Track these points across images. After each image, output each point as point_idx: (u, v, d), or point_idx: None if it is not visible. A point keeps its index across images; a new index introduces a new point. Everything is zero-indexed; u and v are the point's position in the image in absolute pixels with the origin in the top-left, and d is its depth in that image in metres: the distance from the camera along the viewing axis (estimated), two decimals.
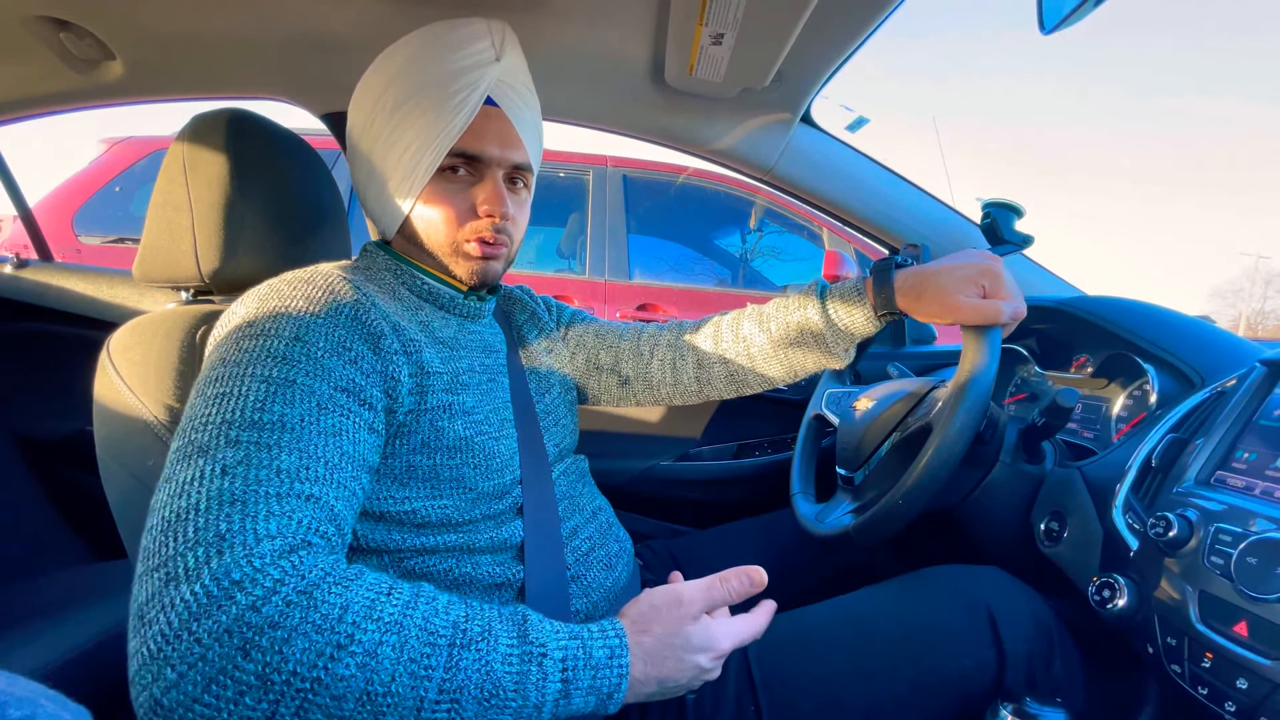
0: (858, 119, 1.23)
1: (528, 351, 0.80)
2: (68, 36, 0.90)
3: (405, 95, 0.63)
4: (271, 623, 0.39)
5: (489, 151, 0.65)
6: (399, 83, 0.64)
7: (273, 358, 0.50)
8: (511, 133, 0.66)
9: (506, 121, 0.66)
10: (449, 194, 0.65)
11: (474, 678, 0.42)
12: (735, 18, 0.75)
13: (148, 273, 0.76)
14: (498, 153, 0.65)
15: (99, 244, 2.55)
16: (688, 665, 0.51)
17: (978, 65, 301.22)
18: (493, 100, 0.65)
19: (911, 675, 0.64)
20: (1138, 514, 0.64)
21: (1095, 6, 0.62)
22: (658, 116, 1.10)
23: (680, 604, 0.52)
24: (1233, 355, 0.76)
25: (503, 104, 0.65)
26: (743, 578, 0.54)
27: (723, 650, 0.52)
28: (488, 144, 0.65)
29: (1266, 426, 0.61)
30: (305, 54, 0.97)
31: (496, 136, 0.65)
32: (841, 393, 0.98)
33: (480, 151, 0.64)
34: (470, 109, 0.63)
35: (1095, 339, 0.93)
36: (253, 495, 0.43)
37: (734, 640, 0.53)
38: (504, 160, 0.66)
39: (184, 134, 0.73)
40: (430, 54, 0.64)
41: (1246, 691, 0.50)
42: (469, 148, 0.64)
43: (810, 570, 0.91)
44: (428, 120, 0.62)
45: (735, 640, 0.54)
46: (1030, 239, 0.98)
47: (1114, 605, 0.60)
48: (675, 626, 0.51)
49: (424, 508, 0.57)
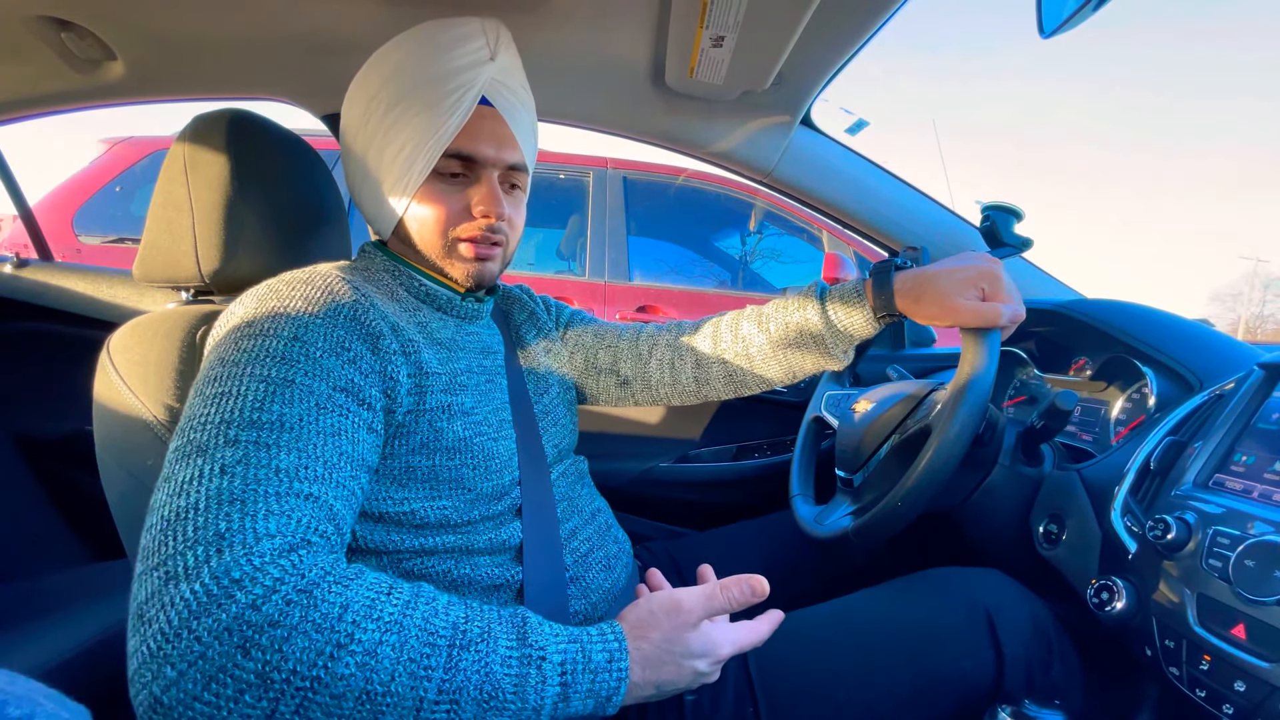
0: (858, 122, 1.23)
1: (526, 352, 0.80)
2: (69, 37, 0.90)
3: (399, 96, 0.63)
4: (271, 621, 0.39)
5: (484, 152, 0.64)
6: (393, 83, 0.63)
7: (271, 357, 0.50)
8: (506, 133, 0.66)
9: (501, 122, 0.65)
10: (443, 195, 0.65)
11: (473, 679, 0.42)
12: (736, 20, 0.75)
13: (148, 273, 0.76)
14: (493, 153, 0.65)
15: (99, 244, 2.54)
16: (686, 670, 0.51)
17: (977, 68, 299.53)
18: (487, 100, 0.64)
19: (910, 677, 0.64)
20: (1136, 517, 0.64)
21: (1095, 10, 0.62)
22: (658, 118, 1.11)
23: (680, 611, 0.52)
24: (1231, 358, 0.76)
25: (497, 104, 0.65)
26: (744, 586, 0.54)
27: (722, 656, 0.52)
28: (483, 145, 0.64)
29: (1265, 430, 0.61)
30: (306, 55, 0.97)
31: (491, 137, 0.65)
32: (841, 395, 0.98)
33: (475, 152, 0.64)
34: (465, 110, 0.62)
35: (1094, 342, 0.93)
36: (252, 494, 0.43)
37: (734, 647, 0.53)
38: (499, 161, 0.66)
39: (185, 134, 0.73)
40: (424, 54, 0.63)
41: (1244, 694, 0.50)
42: (464, 149, 0.64)
43: (809, 572, 0.91)
44: (422, 121, 0.62)
45: (735, 647, 0.54)
46: (1029, 242, 0.98)
47: (1112, 608, 0.60)
48: (674, 634, 0.51)
49: (423, 509, 0.57)
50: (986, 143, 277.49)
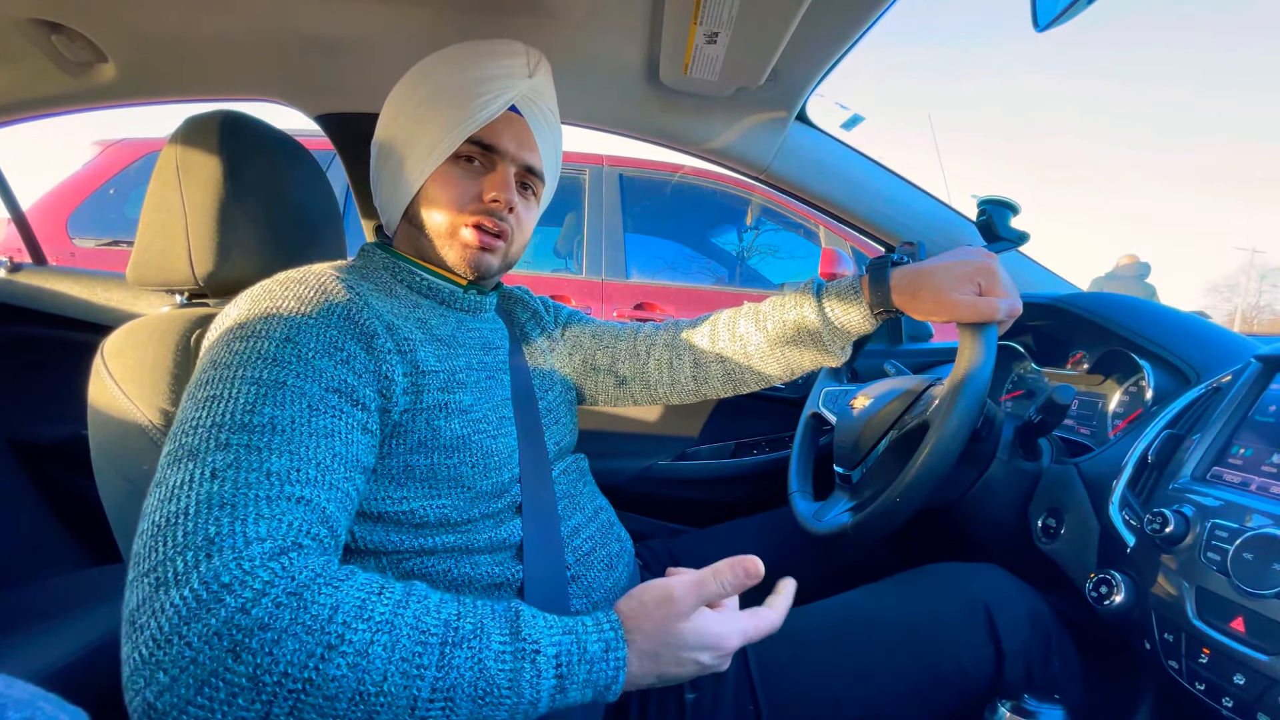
0: (853, 117, 1.23)
1: (530, 349, 0.80)
2: (60, 39, 0.90)
3: (436, 90, 0.67)
4: (261, 624, 0.39)
5: (505, 145, 0.68)
6: (431, 80, 0.68)
7: (263, 359, 0.50)
8: (529, 136, 0.70)
9: (527, 127, 0.70)
10: (459, 179, 0.67)
11: (467, 676, 0.42)
12: (729, 17, 0.75)
13: (142, 276, 0.76)
14: (513, 149, 0.68)
15: (93, 247, 2.54)
16: (687, 662, 0.49)
17: (972, 61, 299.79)
18: (518, 110, 0.69)
19: (910, 672, 0.64)
20: (1134, 510, 0.64)
21: (1088, 4, 0.62)
22: (653, 116, 1.10)
23: (670, 601, 0.49)
24: (1228, 351, 0.76)
25: (526, 115, 0.69)
26: (737, 570, 0.50)
27: (729, 648, 0.50)
28: (505, 139, 0.68)
29: (1262, 422, 0.61)
30: (299, 55, 0.97)
31: (514, 135, 0.68)
32: (839, 391, 0.98)
33: (496, 143, 0.67)
34: (496, 108, 0.66)
35: (1091, 335, 0.93)
36: (242, 498, 0.43)
37: (743, 638, 0.51)
38: (518, 158, 0.69)
39: (177, 136, 0.73)
40: (465, 61, 0.68)
41: (1244, 686, 0.50)
42: (486, 138, 0.67)
43: (808, 568, 0.91)
44: (453, 110, 0.65)
45: (744, 638, 0.51)
46: (1026, 236, 0.98)
47: (1111, 601, 0.60)
48: (665, 625, 0.49)
49: (422, 508, 0.57)
50: (983, 136, 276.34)
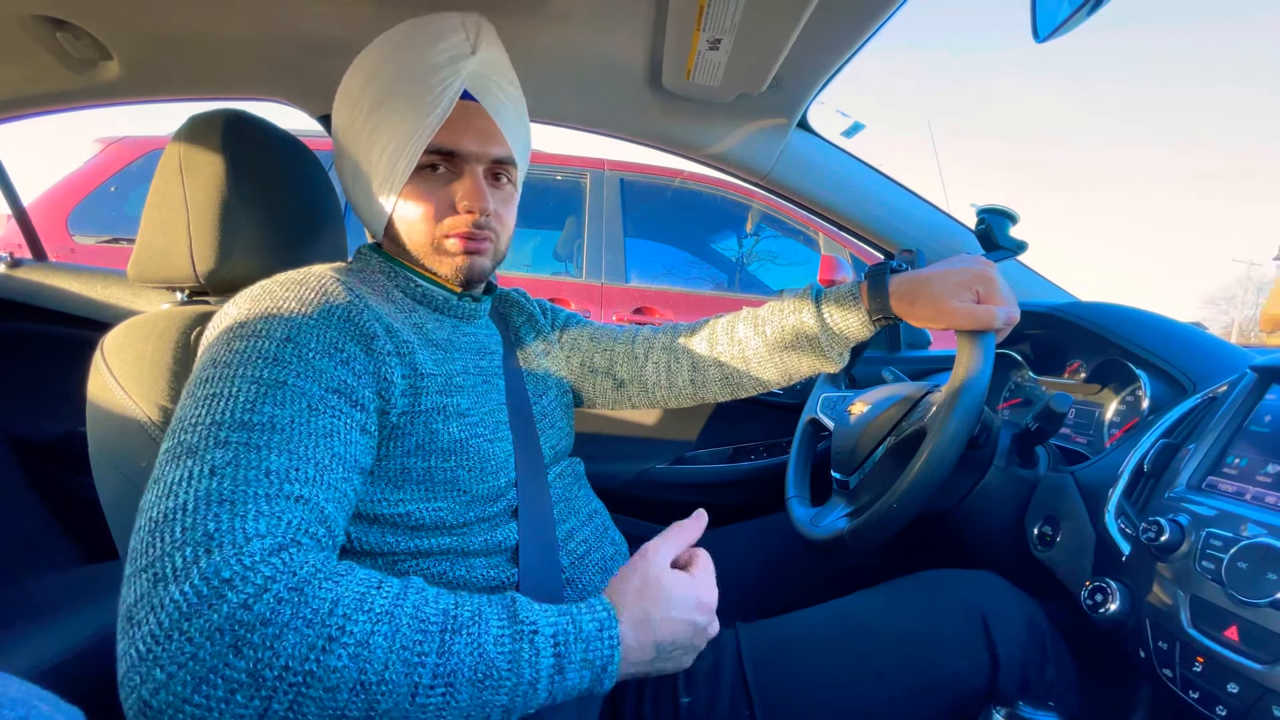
0: (854, 125, 1.24)
1: (525, 353, 0.80)
2: (65, 36, 0.90)
3: (382, 95, 0.63)
4: (263, 619, 0.39)
5: (466, 147, 0.64)
6: (376, 82, 0.64)
7: (263, 359, 0.50)
8: (491, 127, 0.65)
9: (485, 116, 0.65)
10: (428, 191, 0.65)
11: (467, 660, 0.43)
12: (733, 23, 0.75)
13: (142, 273, 0.76)
14: (476, 148, 0.65)
15: (94, 244, 2.53)
16: (680, 624, 0.51)
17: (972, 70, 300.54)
18: (471, 95, 0.64)
19: (905, 678, 0.64)
20: (1130, 519, 0.64)
21: (1089, 15, 0.62)
22: (655, 121, 1.11)
23: (644, 556, 0.54)
24: (1224, 361, 0.76)
25: (481, 98, 0.65)
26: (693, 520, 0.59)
27: (709, 601, 0.54)
28: (465, 139, 0.64)
29: (1257, 432, 0.61)
30: (303, 55, 0.97)
31: (475, 131, 0.64)
32: (836, 397, 0.98)
33: (457, 147, 0.64)
34: (446, 105, 0.62)
35: (1089, 345, 0.93)
36: (241, 495, 0.43)
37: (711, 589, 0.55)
38: (483, 155, 0.65)
39: (180, 134, 0.73)
40: (404, 51, 0.63)
41: (1237, 695, 0.50)
42: (446, 144, 0.63)
43: (805, 574, 0.92)
44: (404, 118, 0.62)
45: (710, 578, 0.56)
46: (1024, 245, 0.99)
47: (1106, 609, 0.60)
48: (645, 581, 0.52)
49: (418, 510, 0.57)
50: (983, 145, 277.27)
